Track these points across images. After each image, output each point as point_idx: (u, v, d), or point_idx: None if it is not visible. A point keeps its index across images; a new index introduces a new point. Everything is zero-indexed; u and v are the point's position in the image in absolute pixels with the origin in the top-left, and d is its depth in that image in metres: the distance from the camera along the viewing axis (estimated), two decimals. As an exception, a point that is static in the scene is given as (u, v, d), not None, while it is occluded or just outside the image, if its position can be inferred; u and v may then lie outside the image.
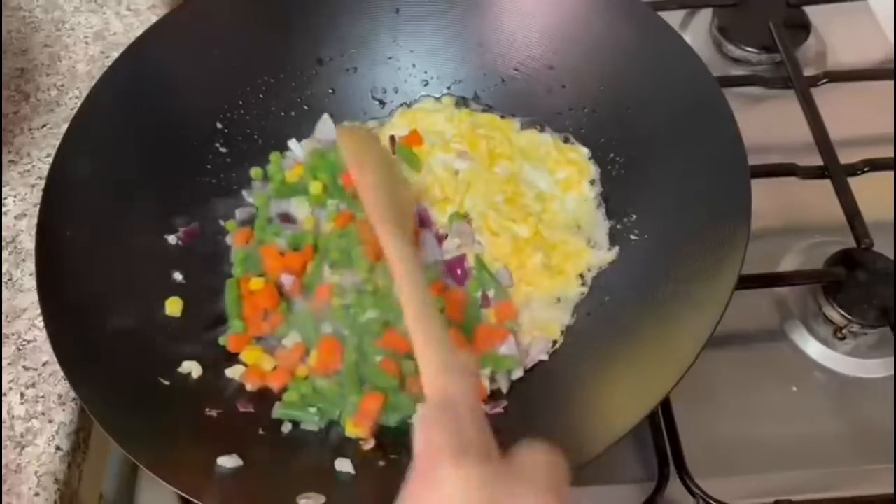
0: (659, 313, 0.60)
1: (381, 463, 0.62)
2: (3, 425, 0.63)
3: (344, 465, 0.61)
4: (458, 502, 0.41)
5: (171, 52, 0.75)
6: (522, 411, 0.64)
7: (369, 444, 0.64)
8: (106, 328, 0.64)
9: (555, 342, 0.68)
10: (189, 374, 0.66)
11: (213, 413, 0.64)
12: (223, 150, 0.77)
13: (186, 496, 0.55)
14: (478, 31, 0.79)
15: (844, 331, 0.73)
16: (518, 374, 0.67)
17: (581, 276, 0.70)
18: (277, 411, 0.65)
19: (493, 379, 0.66)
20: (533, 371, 0.67)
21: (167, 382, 0.64)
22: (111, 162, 0.71)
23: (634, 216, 0.70)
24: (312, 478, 0.60)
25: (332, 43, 0.80)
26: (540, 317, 0.69)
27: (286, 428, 0.65)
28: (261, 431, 0.64)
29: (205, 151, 0.76)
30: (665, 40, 0.71)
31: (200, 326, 0.69)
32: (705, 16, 0.96)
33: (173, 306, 0.69)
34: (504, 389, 0.66)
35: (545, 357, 0.67)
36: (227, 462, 0.59)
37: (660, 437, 0.67)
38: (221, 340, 0.69)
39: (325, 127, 0.80)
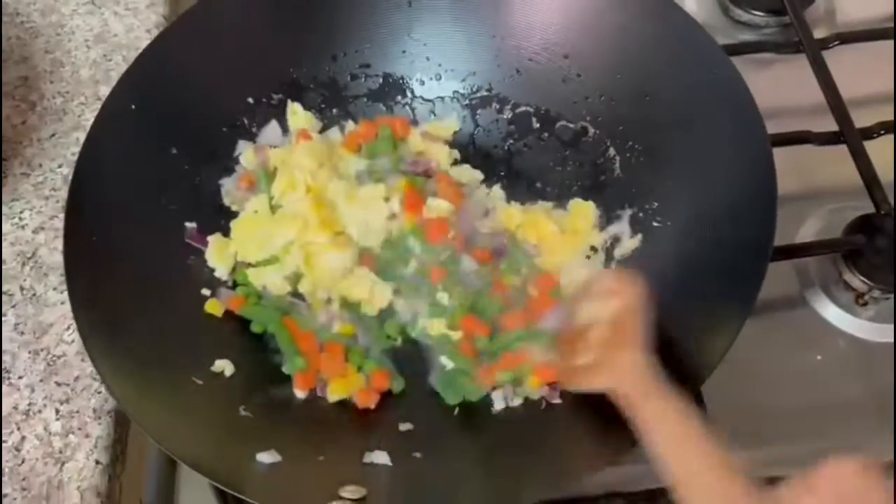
0: (688, 299, 0.60)
1: (417, 454, 0.63)
2: (42, 442, 0.64)
3: (381, 458, 0.62)
4: None
5: (186, 53, 0.75)
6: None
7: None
8: (140, 329, 0.65)
9: None
10: (222, 372, 0.66)
11: (248, 413, 0.64)
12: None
13: (230, 491, 0.57)
14: (491, 23, 0.78)
15: (866, 297, 0.72)
16: None
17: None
18: None
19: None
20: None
21: (200, 382, 0.65)
22: (132, 164, 0.71)
23: (656, 203, 0.70)
24: (352, 469, 0.61)
25: (345, 38, 0.79)
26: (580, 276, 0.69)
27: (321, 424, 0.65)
28: (297, 428, 0.65)
29: (227, 148, 0.77)
30: (679, 25, 0.70)
31: (237, 327, 0.70)
32: (711, -22, 0.95)
33: (213, 306, 0.69)
34: None
35: None
36: (266, 458, 0.60)
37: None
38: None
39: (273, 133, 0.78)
